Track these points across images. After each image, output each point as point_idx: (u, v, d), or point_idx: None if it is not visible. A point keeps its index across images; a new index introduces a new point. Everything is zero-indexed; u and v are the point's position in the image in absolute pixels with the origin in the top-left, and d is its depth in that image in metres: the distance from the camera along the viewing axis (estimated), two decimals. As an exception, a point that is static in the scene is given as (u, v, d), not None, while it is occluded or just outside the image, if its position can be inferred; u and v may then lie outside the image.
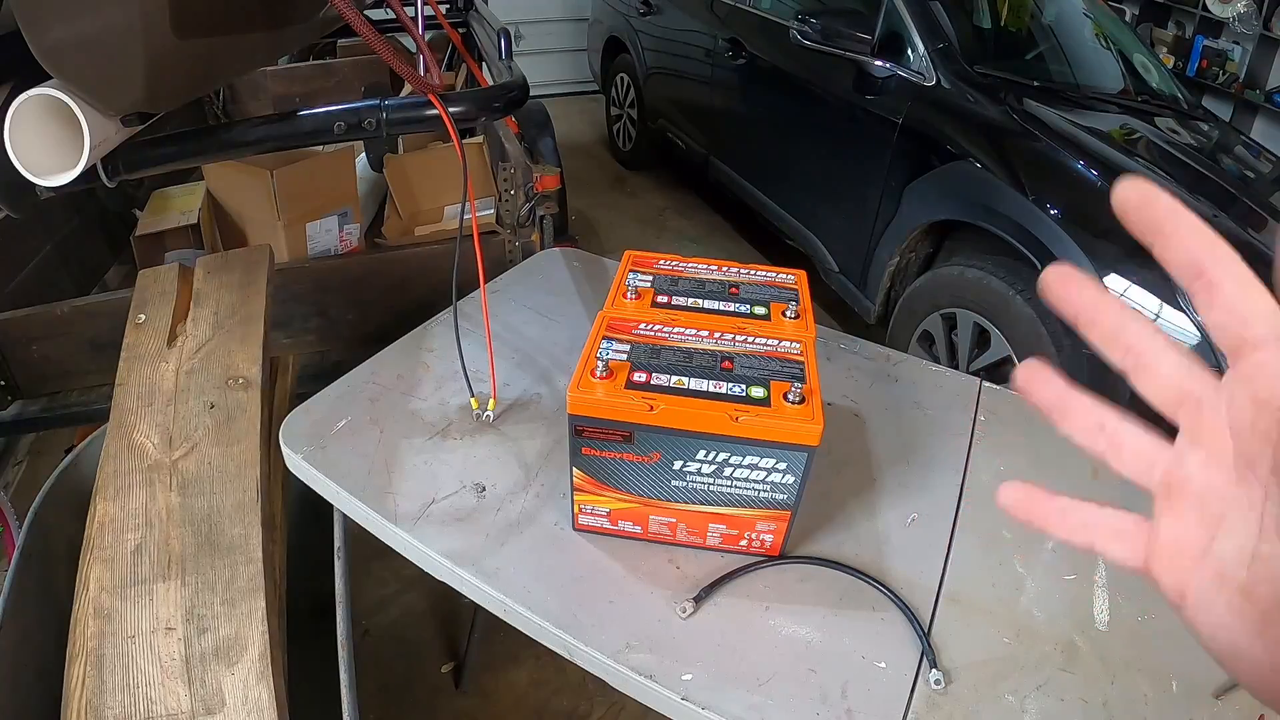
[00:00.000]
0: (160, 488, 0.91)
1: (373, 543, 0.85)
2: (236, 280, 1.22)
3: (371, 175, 2.43)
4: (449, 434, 0.93)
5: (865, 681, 0.68)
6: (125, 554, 0.85)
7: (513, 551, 0.79)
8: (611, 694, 1.51)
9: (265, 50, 1.16)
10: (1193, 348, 1.62)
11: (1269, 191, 2.14)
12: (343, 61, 2.95)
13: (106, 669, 0.75)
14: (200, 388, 1.04)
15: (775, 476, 0.71)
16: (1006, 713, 0.66)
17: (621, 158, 4.48)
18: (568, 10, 5.34)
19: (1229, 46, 4.64)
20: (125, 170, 0.89)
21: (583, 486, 0.76)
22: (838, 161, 2.60)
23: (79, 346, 1.58)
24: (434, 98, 0.93)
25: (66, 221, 2.02)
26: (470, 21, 2.66)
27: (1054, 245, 1.81)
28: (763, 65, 2.98)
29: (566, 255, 1.36)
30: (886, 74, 2.36)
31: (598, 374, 0.70)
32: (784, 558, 0.79)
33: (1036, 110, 2.11)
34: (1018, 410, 1.02)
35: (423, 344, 1.09)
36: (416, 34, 1.16)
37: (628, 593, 0.75)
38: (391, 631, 1.70)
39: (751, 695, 0.66)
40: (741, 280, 0.86)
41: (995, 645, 0.72)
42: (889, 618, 0.74)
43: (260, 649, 0.78)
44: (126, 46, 0.67)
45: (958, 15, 2.44)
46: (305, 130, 1.00)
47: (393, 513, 0.82)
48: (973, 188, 2.06)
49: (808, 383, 0.71)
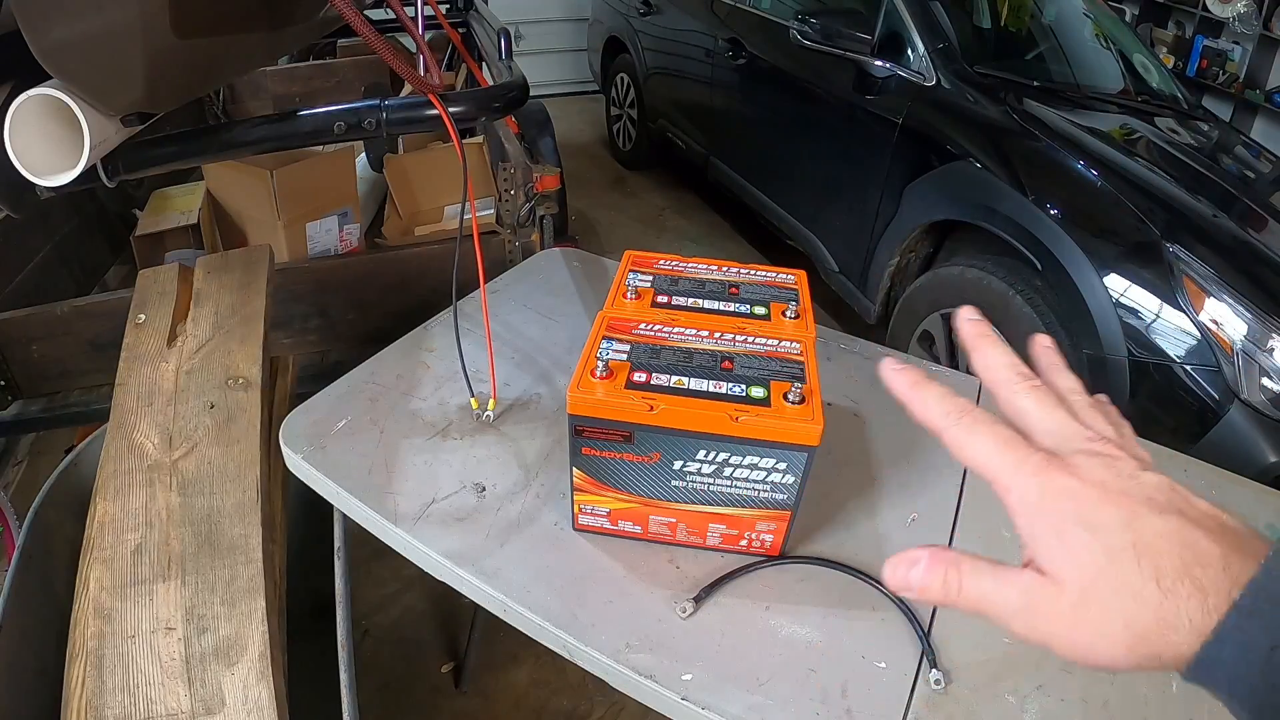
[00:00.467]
0: (160, 488, 0.91)
1: (373, 543, 0.85)
2: (236, 280, 1.22)
3: (371, 175, 2.43)
4: (449, 434, 0.93)
5: (865, 681, 0.68)
6: (125, 554, 0.85)
7: (513, 551, 0.79)
8: (611, 694, 1.51)
9: (265, 50, 1.16)
10: (1192, 348, 1.62)
11: (1269, 191, 2.14)
12: (343, 61, 2.95)
13: (106, 669, 0.75)
14: (200, 388, 1.04)
15: (775, 476, 0.71)
16: (1006, 713, 0.66)
17: (621, 158, 4.48)
18: (568, 10, 5.34)
19: (1229, 46, 4.65)
20: (125, 170, 0.89)
21: (583, 486, 0.76)
22: (838, 162, 2.60)
23: (79, 346, 1.58)
24: (434, 98, 0.93)
25: (66, 221, 2.02)
26: (470, 21, 2.66)
27: (1054, 245, 1.81)
28: (763, 65, 2.98)
29: (566, 255, 1.36)
30: (886, 74, 2.36)
31: (598, 374, 0.70)
32: (784, 558, 0.79)
33: (1036, 110, 2.11)
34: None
35: (423, 344, 1.09)
36: (416, 34, 1.16)
37: (628, 593, 0.75)
38: (391, 631, 1.70)
39: (751, 695, 0.66)
40: (741, 280, 0.86)
41: (995, 645, 0.72)
42: (889, 618, 0.74)
43: (260, 649, 0.78)
44: (126, 46, 0.67)
45: (958, 15, 2.44)
46: (305, 130, 1.00)
47: (393, 513, 0.82)
48: (973, 188, 2.06)
49: (808, 383, 0.71)
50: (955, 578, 0.33)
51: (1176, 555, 0.29)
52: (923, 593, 0.34)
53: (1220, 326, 1.60)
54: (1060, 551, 0.31)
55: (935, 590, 0.34)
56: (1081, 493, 0.31)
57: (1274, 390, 1.55)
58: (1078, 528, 0.31)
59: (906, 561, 0.34)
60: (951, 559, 0.34)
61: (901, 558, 0.35)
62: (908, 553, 0.35)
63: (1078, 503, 0.31)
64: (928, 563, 0.34)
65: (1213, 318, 1.61)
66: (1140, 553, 0.29)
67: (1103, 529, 0.30)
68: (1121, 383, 1.70)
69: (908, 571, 0.34)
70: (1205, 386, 1.60)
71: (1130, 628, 0.29)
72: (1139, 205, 1.77)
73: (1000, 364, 0.37)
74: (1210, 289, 1.62)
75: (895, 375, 0.38)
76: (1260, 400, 1.55)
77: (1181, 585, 0.28)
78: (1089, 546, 0.30)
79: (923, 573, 0.34)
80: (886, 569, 0.35)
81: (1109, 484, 0.31)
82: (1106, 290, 1.72)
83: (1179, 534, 0.29)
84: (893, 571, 0.35)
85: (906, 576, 0.34)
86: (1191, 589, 0.28)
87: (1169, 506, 0.30)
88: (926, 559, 0.34)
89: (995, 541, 0.83)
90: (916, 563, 0.34)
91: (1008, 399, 0.36)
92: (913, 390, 0.37)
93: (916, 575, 0.34)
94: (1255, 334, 1.57)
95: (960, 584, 0.33)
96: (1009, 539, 0.83)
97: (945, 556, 0.34)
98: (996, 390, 0.37)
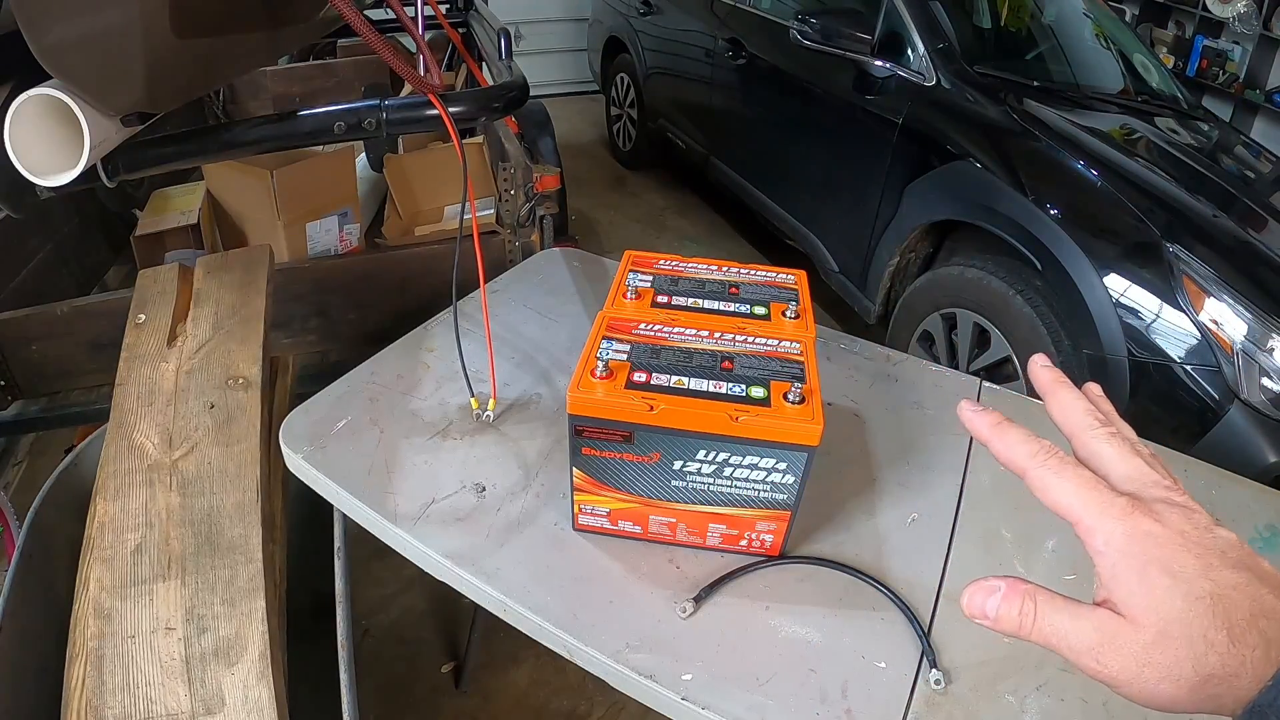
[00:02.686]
0: (160, 488, 0.91)
1: (373, 543, 0.85)
2: (236, 280, 1.22)
3: (371, 175, 2.43)
4: (449, 434, 0.93)
5: (865, 681, 0.68)
6: (125, 554, 0.85)
7: (513, 551, 0.79)
8: (611, 694, 1.51)
9: (265, 50, 1.16)
10: (1192, 348, 1.62)
11: (1269, 191, 2.14)
12: (343, 61, 2.95)
13: (106, 669, 0.75)
14: (200, 388, 1.04)
15: (775, 476, 0.71)
16: (1006, 713, 0.66)
17: (621, 158, 4.48)
18: (568, 10, 5.34)
19: (1229, 46, 4.64)
20: (125, 170, 0.89)
21: (583, 486, 0.76)
22: (838, 161, 2.60)
23: (79, 346, 1.58)
24: (434, 98, 0.93)
25: (66, 221, 2.02)
26: (470, 21, 2.66)
27: (1054, 245, 1.81)
28: (763, 65, 2.98)
29: (566, 255, 1.36)
30: (886, 74, 2.36)
31: (598, 374, 0.70)
32: (784, 558, 0.79)
33: (1036, 110, 2.11)
34: (1018, 410, 1.02)
35: (423, 344, 1.09)
36: (416, 34, 1.16)
37: (628, 593, 0.75)
38: (391, 631, 1.70)
39: (751, 695, 0.66)
40: (741, 280, 0.86)
41: (995, 645, 0.72)
42: (889, 618, 0.74)
43: (260, 649, 0.78)
44: (126, 46, 0.67)
45: (958, 15, 2.44)
46: (305, 130, 1.00)
47: (393, 513, 0.82)
48: (973, 188, 2.06)
49: (808, 383, 0.71)
50: (1031, 610, 0.34)
51: (1246, 607, 0.31)
52: (998, 622, 0.35)
53: (1220, 326, 1.60)
54: (1141, 593, 0.32)
55: (1010, 621, 0.35)
56: (1165, 539, 0.33)
57: (1274, 390, 1.55)
58: (1160, 572, 0.32)
59: (985, 590, 0.35)
60: (1029, 591, 0.35)
61: (980, 586, 0.35)
62: (986, 581, 0.35)
63: (1161, 549, 0.32)
64: (1006, 593, 0.35)
65: (1213, 318, 1.61)
66: (1216, 602, 0.31)
67: (1183, 576, 0.32)
68: (1121, 383, 1.70)
69: (985, 600, 0.35)
70: (1205, 386, 1.60)
71: (1199, 671, 0.31)
72: (1139, 205, 1.77)
73: (1077, 409, 0.38)
74: (1210, 289, 1.62)
75: (976, 417, 0.39)
76: (1260, 400, 1.55)
77: (1249, 635, 0.30)
78: (1170, 591, 0.32)
79: (999, 602, 0.35)
80: (965, 595, 0.36)
81: (1188, 534, 0.33)
82: (1106, 290, 1.72)
83: (1249, 588, 0.31)
84: (970, 598, 0.36)
85: (984, 605, 0.35)
86: (1258, 639, 0.30)
87: (1240, 563, 0.32)
88: (1005, 589, 0.35)
89: (995, 542, 0.84)
90: (995, 591, 0.35)
91: (1085, 443, 0.38)
92: (995, 431, 0.38)
93: (993, 604, 0.35)
94: (1255, 334, 1.57)
95: (1035, 616, 0.34)
96: (1009, 539, 0.84)
97: (1023, 588, 0.35)
98: (1074, 434, 0.38)
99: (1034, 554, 0.82)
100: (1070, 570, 0.80)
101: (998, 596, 0.35)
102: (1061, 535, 0.85)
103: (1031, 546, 0.83)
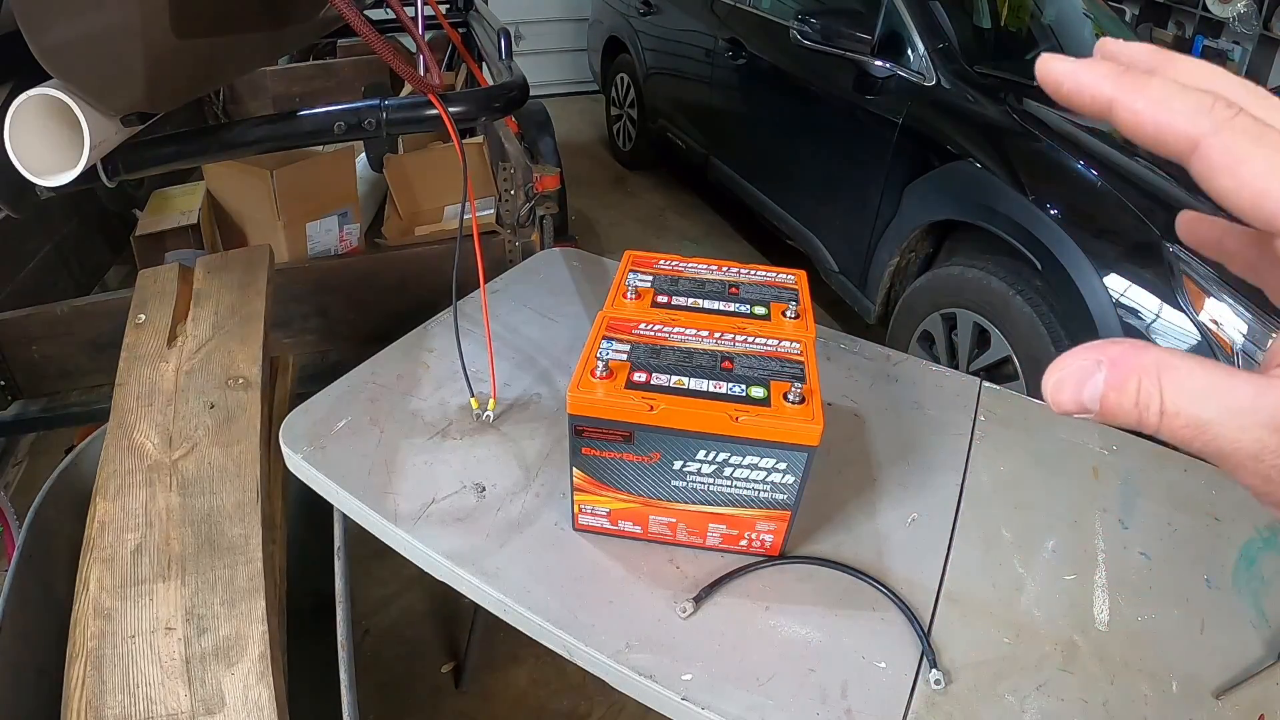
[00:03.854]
0: (160, 488, 0.91)
1: (373, 543, 0.85)
2: (236, 280, 1.22)
3: (371, 175, 2.43)
4: (449, 434, 0.93)
5: (865, 681, 0.68)
6: (125, 554, 0.85)
7: (513, 551, 0.79)
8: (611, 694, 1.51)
9: (265, 50, 1.16)
10: (1191, 348, 1.62)
11: (1269, 191, 2.14)
12: (343, 61, 2.95)
13: (106, 669, 0.75)
14: (200, 388, 1.04)
15: (775, 476, 0.71)
16: (1006, 713, 0.66)
17: (621, 158, 4.48)
18: (568, 10, 5.34)
19: (1229, 46, 4.64)
20: (125, 170, 0.89)
21: (583, 486, 0.76)
22: (838, 161, 2.60)
23: (79, 346, 1.58)
24: (434, 98, 0.93)
25: (66, 221, 2.02)
26: (470, 21, 2.65)
27: (1054, 245, 1.81)
28: (763, 65, 2.98)
29: (566, 255, 1.36)
30: (886, 74, 2.36)
31: (598, 374, 0.70)
32: (784, 558, 0.79)
33: (1036, 110, 2.11)
34: (1018, 410, 1.02)
35: (423, 344, 1.09)
36: (416, 34, 1.16)
37: (628, 593, 0.75)
38: (391, 631, 1.70)
39: (751, 695, 0.66)
40: (741, 280, 0.86)
41: (995, 645, 0.72)
42: (889, 618, 0.74)
43: (260, 649, 0.78)
44: (126, 46, 0.67)
45: (958, 15, 2.44)
46: (305, 130, 1.00)
47: (393, 513, 0.82)
48: (973, 188, 2.06)
49: (808, 383, 0.71)
50: (1153, 388, 0.22)
51: None
52: (1105, 415, 0.23)
53: (1220, 326, 1.60)
54: None
55: (1127, 409, 0.23)
56: None
57: (1274, 390, 1.55)
58: None
59: (1075, 376, 0.23)
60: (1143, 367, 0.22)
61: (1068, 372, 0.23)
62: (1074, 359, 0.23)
63: None
64: (1110, 373, 0.23)
65: (1213, 318, 1.61)
66: None
67: None
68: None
69: (1078, 390, 0.23)
70: (1205, 386, 1.60)
71: None
72: (1139, 205, 1.77)
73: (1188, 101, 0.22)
74: (1210, 289, 1.62)
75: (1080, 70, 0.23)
76: (1260, 400, 1.55)
77: None
78: None
79: (1105, 390, 0.23)
80: (1049, 388, 0.24)
81: None
82: (1106, 290, 1.72)
83: None
84: (1058, 390, 0.23)
85: (1079, 397, 0.23)
86: None
87: None
88: (1108, 366, 0.23)
89: (995, 542, 0.84)
90: (1091, 375, 0.23)
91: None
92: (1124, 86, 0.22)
93: (1092, 393, 0.23)
94: (1255, 334, 1.57)
95: (1162, 395, 0.22)
96: (1009, 539, 0.84)
97: (1136, 364, 0.22)
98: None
99: (1035, 554, 0.82)
100: (1070, 570, 0.80)
101: (1097, 381, 0.23)
102: (1062, 535, 0.85)
103: (1032, 546, 0.83)
